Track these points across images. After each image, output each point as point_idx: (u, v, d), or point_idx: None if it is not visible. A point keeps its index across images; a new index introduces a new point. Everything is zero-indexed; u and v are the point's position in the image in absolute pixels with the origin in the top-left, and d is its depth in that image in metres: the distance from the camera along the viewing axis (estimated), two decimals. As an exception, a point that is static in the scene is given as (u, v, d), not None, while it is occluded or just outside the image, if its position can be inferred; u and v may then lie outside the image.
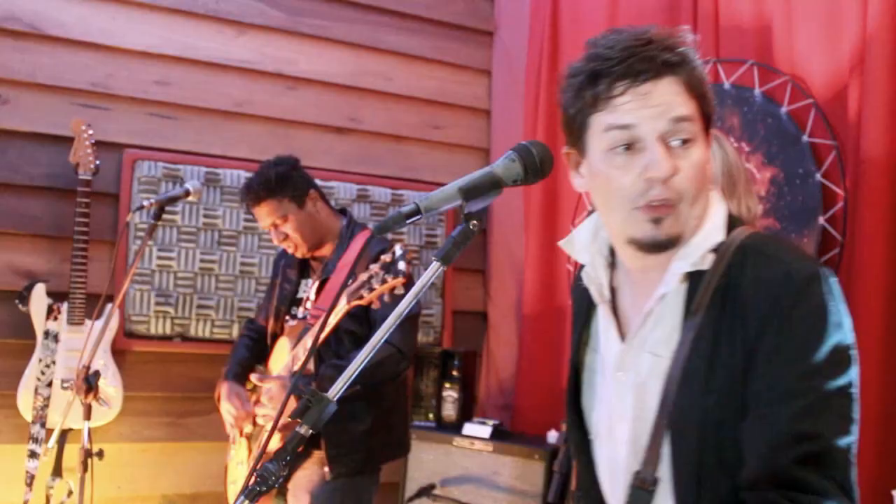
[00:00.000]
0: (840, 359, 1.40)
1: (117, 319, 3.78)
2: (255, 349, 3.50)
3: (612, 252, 1.67)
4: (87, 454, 3.00)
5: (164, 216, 3.20)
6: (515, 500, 3.73)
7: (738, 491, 1.42)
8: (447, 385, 4.21)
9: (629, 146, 1.48)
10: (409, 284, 2.78)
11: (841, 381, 1.39)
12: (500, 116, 4.78)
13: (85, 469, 2.98)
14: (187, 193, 3.20)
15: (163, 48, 4.04)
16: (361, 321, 3.12)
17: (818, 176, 3.21)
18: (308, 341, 3.07)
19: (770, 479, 1.37)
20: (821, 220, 3.18)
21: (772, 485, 1.36)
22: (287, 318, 3.38)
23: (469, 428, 4.02)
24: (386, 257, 2.74)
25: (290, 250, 3.34)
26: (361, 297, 2.77)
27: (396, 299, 2.75)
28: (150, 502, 3.96)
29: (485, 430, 3.97)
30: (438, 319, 4.54)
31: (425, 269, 4.12)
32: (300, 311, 3.35)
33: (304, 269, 3.44)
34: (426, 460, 4.03)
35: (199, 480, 3.89)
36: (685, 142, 1.48)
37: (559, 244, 1.75)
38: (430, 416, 4.25)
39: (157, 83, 4.03)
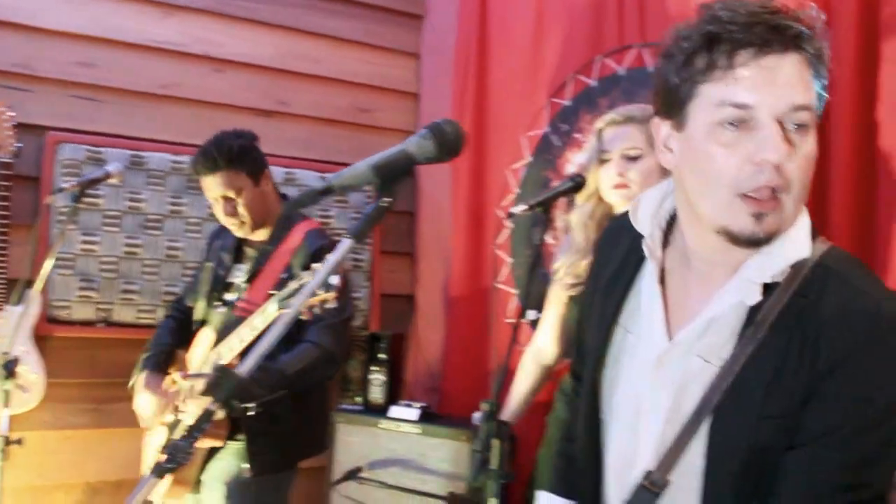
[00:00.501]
0: None
1: (39, 304, 3.71)
2: (179, 333, 3.46)
3: (668, 228, 1.57)
4: (6, 442, 2.96)
5: (88, 200, 3.15)
6: (443, 482, 3.75)
7: None
8: (374, 368, 4.21)
9: (740, 123, 1.34)
10: (344, 292, 2.77)
11: None
12: (428, 100, 4.79)
13: (3, 457, 2.94)
14: (108, 175, 3.17)
15: (87, 29, 3.97)
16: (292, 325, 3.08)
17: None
18: (233, 340, 3.00)
19: None
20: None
21: None
22: (217, 303, 3.34)
23: (396, 410, 4.03)
24: (318, 266, 2.67)
25: (233, 227, 3.24)
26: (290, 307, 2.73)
27: (327, 312, 2.75)
28: (74, 490, 3.91)
29: (412, 413, 3.98)
30: (366, 303, 4.54)
31: (353, 253, 4.11)
32: (230, 295, 3.30)
33: (238, 253, 3.37)
34: (353, 443, 4.04)
35: (124, 467, 3.85)
36: (800, 128, 1.35)
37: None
38: (358, 399, 4.26)
39: (81, 64, 3.96)
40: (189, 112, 4.18)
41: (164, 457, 1.24)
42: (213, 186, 3.18)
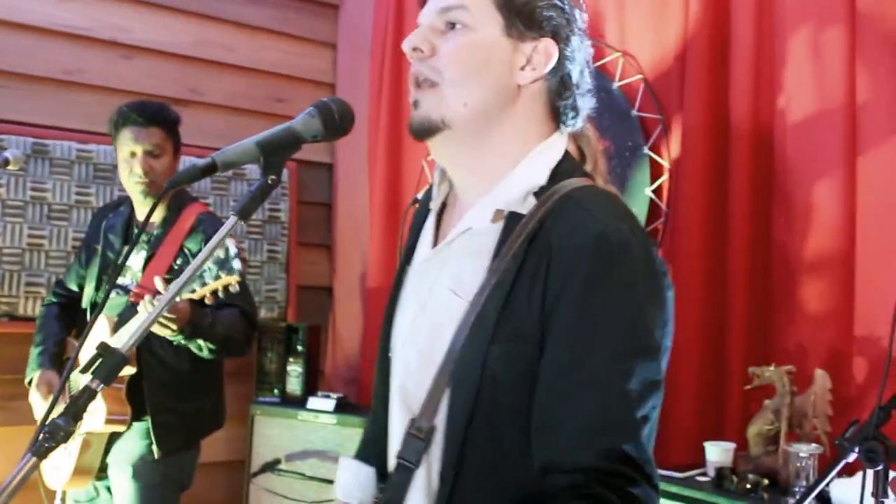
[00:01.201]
0: (645, 345, 1.35)
1: (-63, 297, 3.59)
2: (66, 320, 3.39)
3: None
4: None
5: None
6: (358, 473, 3.73)
7: (515, 463, 1.38)
8: (291, 360, 4.18)
9: None
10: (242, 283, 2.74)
11: (644, 367, 1.33)
12: (344, 90, 4.74)
13: None
14: (6, 162, 3.06)
15: (-15, 12, 3.84)
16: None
17: (646, 149, 3.32)
18: (132, 325, 2.94)
19: (574, 467, 1.31)
20: (647, 191, 3.29)
21: (578, 472, 1.31)
22: (108, 287, 3.24)
23: (313, 402, 4.01)
24: (219, 251, 2.65)
25: (138, 186, 3.17)
26: (193, 291, 2.69)
27: (230, 296, 2.71)
28: (-23, 488, 3.79)
29: (329, 404, 3.96)
30: (283, 294, 4.49)
31: (269, 245, 4.06)
32: (124, 282, 3.24)
33: (126, 235, 3.32)
34: (271, 436, 4.01)
35: (30, 464, 3.74)
36: (451, 26, 1.46)
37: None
38: (275, 391, 4.21)
39: (-20, 49, 3.83)
40: (95, 99, 4.06)
41: (44, 436, 1.19)
42: (141, 138, 3.17)
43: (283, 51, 4.65)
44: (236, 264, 2.60)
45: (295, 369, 4.17)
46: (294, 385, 4.17)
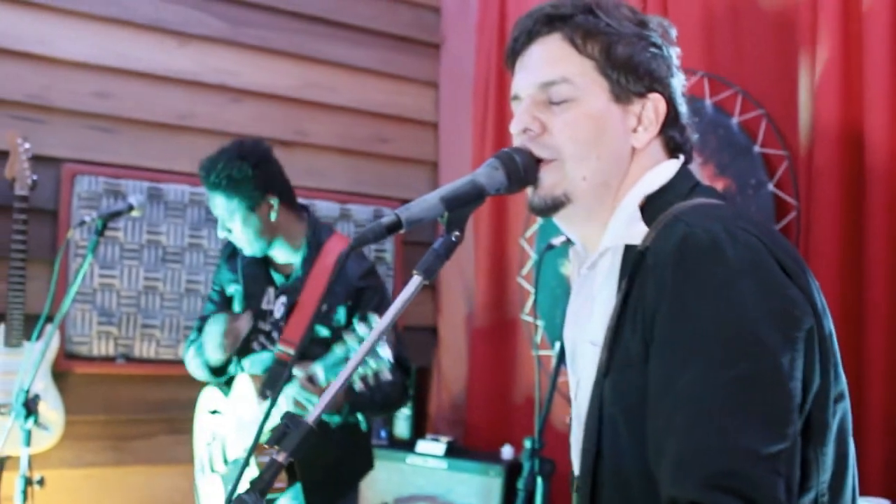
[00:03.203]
0: (749, 349, 1.21)
1: (57, 340, 3.63)
2: None
3: None
4: (27, 482, 2.87)
5: (106, 233, 3.05)
6: (471, 518, 3.67)
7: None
8: (399, 402, 4.13)
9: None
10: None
11: (753, 371, 1.20)
12: (447, 129, 4.73)
13: (25, 498, 2.86)
14: (131, 208, 3.08)
15: (101, 59, 3.91)
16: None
17: (770, 186, 3.22)
18: (282, 401, 2.77)
19: (683, 501, 1.18)
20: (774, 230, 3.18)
21: None
22: (252, 335, 3.09)
23: (423, 445, 3.96)
24: (364, 334, 2.58)
25: (235, 244, 3.07)
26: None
27: (381, 384, 2.65)
28: (92, 530, 3.82)
29: (438, 448, 3.91)
30: (388, 335, 4.45)
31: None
32: (265, 327, 3.10)
33: (266, 274, 3.16)
34: (379, 479, 3.95)
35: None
36: (561, 103, 1.44)
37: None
38: (382, 433, 4.17)
39: (96, 95, 3.90)
40: (207, 142, 4.07)
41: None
42: (214, 208, 3.04)
43: (387, 91, 4.66)
44: (385, 353, 2.57)
45: (402, 411, 4.13)
46: (402, 428, 4.13)
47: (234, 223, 2.99)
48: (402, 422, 4.12)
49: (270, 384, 2.95)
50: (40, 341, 3.27)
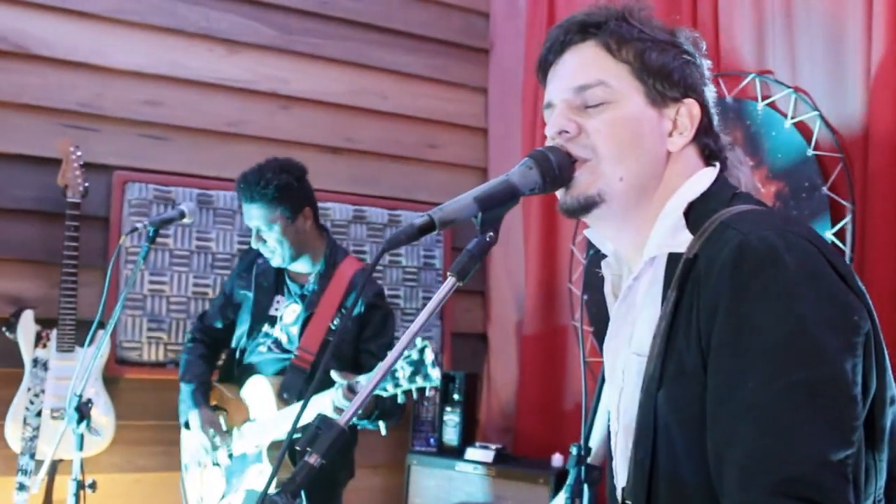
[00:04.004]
0: (810, 356, 1.19)
1: (108, 346, 3.68)
2: (210, 360, 3.43)
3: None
4: (80, 486, 2.90)
5: (157, 240, 3.11)
6: (520, 526, 3.64)
7: None
8: (448, 409, 4.12)
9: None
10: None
11: (817, 377, 1.18)
12: (497, 135, 4.71)
13: (77, 502, 2.88)
14: (182, 215, 3.12)
15: (153, 68, 3.96)
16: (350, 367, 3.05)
17: (824, 189, 3.15)
18: (312, 407, 2.84)
19: None
20: (828, 234, 3.11)
21: None
22: (261, 338, 3.29)
23: (471, 453, 3.93)
24: (412, 352, 2.62)
25: (264, 254, 3.24)
26: (384, 390, 2.66)
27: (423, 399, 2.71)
28: (144, 534, 3.85)
29: (487, 455, 3.88)
30: (437, 342, 4.45)
31: (424, 293, 4.06)
32: (273, 330, 3.27)
33: (279, 282, 3.34)
34: (428, 486, 3.95)
35: None
36: (597, 105, 1.42)
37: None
38: (431, 440, 4.15)
39: (148, 103, 3.95)
40: (256, 149, 4.12)
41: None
42: (249, 216, 3.19)
43: (435, 97, 4.65)
44: (435, 374, 2.58)
45: (452, 418, 4.11)
46: (450, 435, 4.10)
47: (271, 233, 3.15)
48: (451, 429, 4.09)
49: (287, 388, 3.08)
50: (92, 347, 3.31)
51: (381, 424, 2.93)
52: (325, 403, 2.81)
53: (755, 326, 1.21)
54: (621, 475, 1.44)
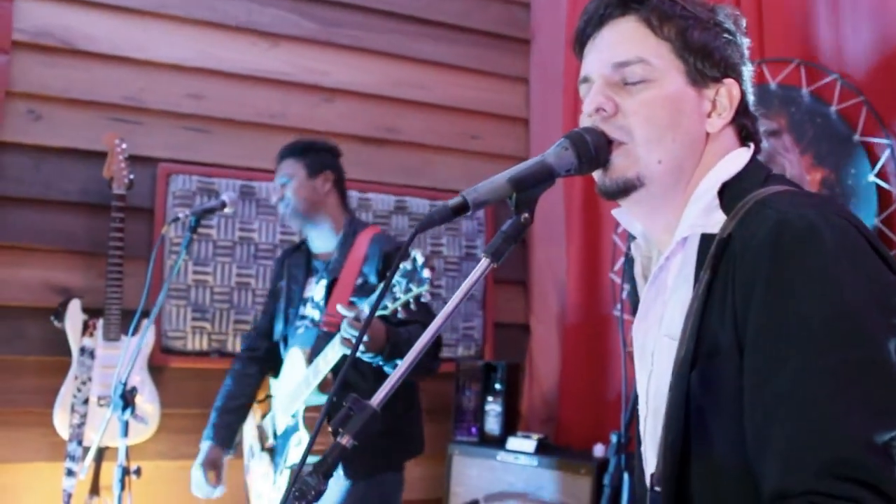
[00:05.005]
0: (853, 334, 1.18)
1: (153, 335, 3.72)
2: (250, 378, 3.45)
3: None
4: (125, 472, 2.94)
5: (200, 231, 3.17)
6: (562, 516, 3.63)
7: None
8: (490, 399, 4.11)
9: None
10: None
11: (860, 357, 1.16)
12: (538, 125, 4.69)
13: (122, 487, 2.93)
14: (224, 205, 3.16)
15: (195, 61, 4.00)
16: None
17: (871, 176, 3.10)
18: (329, 353, 2.91)
19: (796, 492, 1.15)
20: (875, 221, 3.06)
21: (800, 496, 1.14)
22: (297, 322, 3.31)
23: (513, 442, 3.92)
24: (406, 264, 2.62)
25: (280, 211, 3.35)
26: (385, 308, 2.66)
27: (422, 307, 2.70)
28: (188, 521, 3.89)
29: (529, 445, 3.86)
30: (479, 332, 4.45)
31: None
32: (307, 310, 3.29)
33: (308, 268, 3.39)
34: (469, 475, 3.94)
35: (237, 498, 3.81)
36: (636, 83, 1.40)
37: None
38: (473, 430, 4.15)
39: (191, 96, 3.99)
40: (298, 141, 4.17)
41: (293, 495, 1.14)
42: (278, 173, 3.34)
43: (477, 87, 4.65)
44: (426, 274, 2.56)
45: (493, 408, 4.10)
46: (492, 424, 4.10)
47: (290, 184, 3.27)
48: (492, 419, 4.09)
49: (317, 352, 3.06)
50: (137, 335, 3.36)
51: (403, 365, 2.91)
52: (335, 342, 2.84)
53: (795, 306, 1.20)
54: (651, 461, 1.42)
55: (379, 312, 2.68)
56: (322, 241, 3.33)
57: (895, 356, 1.18)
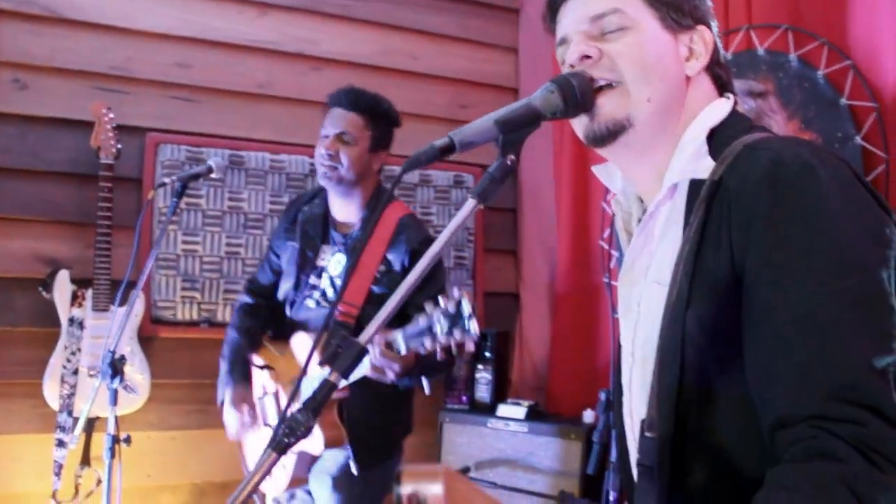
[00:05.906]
0: (851, 259, 1.20)
1: (143, 305, 3.72)
2: (257, 323, 3.32)
3: None
4: (114, 440, 2.94)
5: (189, 200, 3.12)
6: (551, 481, 3.64)
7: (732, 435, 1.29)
8: (480, 367, 4.12)
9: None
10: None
11: (859, 285, 1.19)
12: (528, 94, 4.63)
13: (112, 456, 2.92)
14: (210, 170, 3.13)
15: (182, 30, 3.98)
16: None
17: (858, 139, 3.11)
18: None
19: (799, 418, 1.16)
20: (863, 183, 3.06)
21: (803, 422, 1.16)
22: (307, 291, 3.18)
23: (503, 409, 3.94)
24: (449, 304, 2.47)
25: (321, 168, 3.11)
26: (423, 345, 2.52)
27: (462, 357, 2.60)
28: (179, 491, 3.90)
29: (519, 411, 3.88)
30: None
31: (456, 251, 3.99)
32: (320, 282, 3.16)
33: (325, 233, 3.23)
34: (460, 443, 3.96)
35: (229, 468, 3.82)
36: (614, 31, 1.44)
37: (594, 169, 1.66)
38: (463, 398, 4.17)
39: (178, 65, 3.97)
40: (287, 111, 4.15)
41: (283, 431, 1.14)
42: (338, 121, 3.11)
43: (466, 57, 4.64)
44: (473, 327, 2.40)
45: (484, 376, 4.12)
46: (482, 392, 4.11)
47: (351, 146, 3.09)
48: (483, 387, 4.10)
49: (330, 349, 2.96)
50: (126, 306, 3.35)
51: (424, 382, 2.86)
52: (363, 363, 2.75)
53: (794, 238, 1.22)
54: (638, 408, 1.43)
55: (414, 349, 2.54)
56: (347, 211, 3.19)
57: (889, 285, 1.21)
